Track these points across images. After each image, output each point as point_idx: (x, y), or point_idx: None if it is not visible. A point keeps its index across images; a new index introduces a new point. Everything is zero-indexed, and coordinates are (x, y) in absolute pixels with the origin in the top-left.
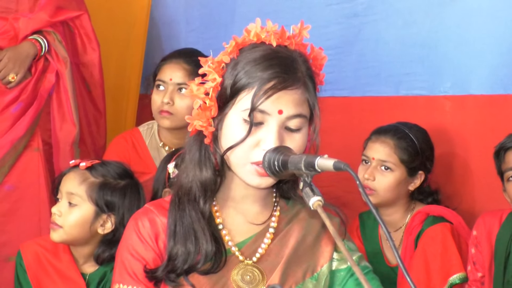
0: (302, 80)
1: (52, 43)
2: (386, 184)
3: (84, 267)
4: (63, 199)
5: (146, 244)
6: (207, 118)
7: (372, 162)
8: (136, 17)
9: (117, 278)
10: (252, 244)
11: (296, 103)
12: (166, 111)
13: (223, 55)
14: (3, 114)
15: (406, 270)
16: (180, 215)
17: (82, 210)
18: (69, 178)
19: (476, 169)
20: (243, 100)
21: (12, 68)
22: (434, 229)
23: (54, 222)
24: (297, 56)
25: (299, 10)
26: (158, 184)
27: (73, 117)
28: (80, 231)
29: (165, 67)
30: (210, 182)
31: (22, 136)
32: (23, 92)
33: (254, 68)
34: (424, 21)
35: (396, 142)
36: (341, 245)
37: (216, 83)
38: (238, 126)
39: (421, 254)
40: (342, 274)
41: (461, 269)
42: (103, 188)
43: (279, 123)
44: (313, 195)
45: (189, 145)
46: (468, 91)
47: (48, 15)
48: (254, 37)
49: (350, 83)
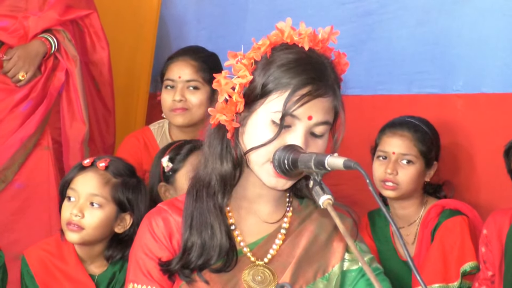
0: (332, 87)
1: (61, 41)
2: (409, 177)
3: (91, 268)
4: (81, 199)
5: (160, 243)
6: (232, 113)
7: (392, 156)
8: (146, 16)
9: (131, 277)
10: (264, 245)
11: (326, 111)
12: (179, 108)
13: (255, 52)
14: (13, 112)
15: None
16: (198, 207)
17: (106, 211)
18: (89, 178)
19: (488, 167)
20: (273, 102)
21: (22, 67)
22: (452, 221)
23: (73, 223)
24: (326, 62)
25: (312, 8)
26: (153, 179)
27: (83, 116)
28: (102, 231)
29: (172, 66)
30: (230, 176)
31: (32, 134)
32: (33, 91)
33: (288, 71)
34: (437, 19)
35: (413, 134)
36: (352, 245)
37: (246, 80)
38: (266, 127)
39: (438, 246)
40: (353, 275)
41: (473, 258)
42: (124, 187)
43: (306, 128)
44: (323, 194)
45: (210, 137)
46: (480, 89)
47: (58, 13)
48: (288, 38)
49: (362, 82)
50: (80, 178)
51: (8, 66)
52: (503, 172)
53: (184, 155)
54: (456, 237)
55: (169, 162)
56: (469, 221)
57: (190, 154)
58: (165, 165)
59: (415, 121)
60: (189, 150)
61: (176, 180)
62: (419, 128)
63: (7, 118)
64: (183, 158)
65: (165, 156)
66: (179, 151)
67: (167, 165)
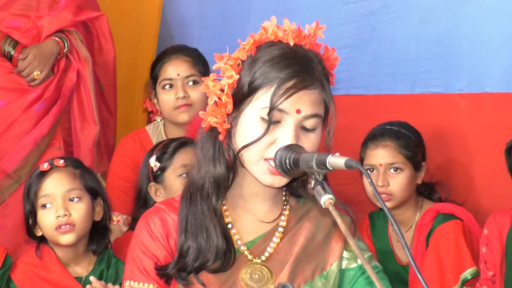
0: (320, 80)
1: (74, 42)
2: (401, 184)
3: (77, 270)
4: (58, 201)
5: (158, 242)
6: (222, 114)
7: (380, 168)
8: (147, 15)
9: (128, 274)
10: (261, 244)
11: (314, 103)
12: (183, 105)
13: (240, 52)
14: (27, 112)
15: (418, 270)
16: (192, 210)
17: (85, 201)
18: (57, 179)
19: (492, 167)
20: (261, 98)
21: (37, 66)
22: (446, 227)
23: (65, 223)
24: (313, 56)
25: (315, 8)
26: (142, 180)
27: (94, 117)
28: (88, 223)
29: (166, 66)
30: (223, 178)
31: (45, 134)
32: (47, 91)
33: (273, 66)
34: (440, 19)
35: (396, 142)
36: (352, 243)
37: (233, 80)
38: (255, 124)
39: (433, 252)
40: (352, 273)
41: (472, 264)
42: (88, 175)
43: (296, 123)
44: (324, 193)
45: (203, 141)
46: (483, 89)
47: (72, 14)
48: (272, 35)
49: (366, 81)
50: (49, 182)
51: (23, 65)
52: (507, 171)
53: (171, 153)
54: (450, 243)
55: (157, 162)
56: (464, 225)
57: (177, 151)
58: (153, 165)
59: (395, 127)
60: (175, 148)
61: (165, 179)
62: (400, 134)
63: (20, 118)
64: (170, 156)
65: (153, 156)
66: (166, 150)
67: (155, 164)
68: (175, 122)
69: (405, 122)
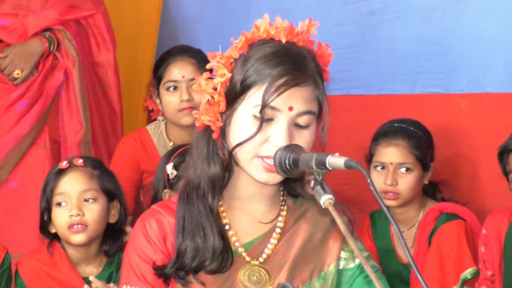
0: (312, 77)
1: (61, 41)
2: (409, 184)
3: (87, 270)
4: (74, 200)
5: (154, 246)
6: (215, 113)
7: (390, 166)
8: (147, 15)
9: (124, 279)
10: (259, 245)
11: (306, 100)
12: (187, 108)
13: (232, 50)
14: (9, 111)
15: (418, 271)
16: (189, 210)
17: (101, 202)
18: (74, 178)
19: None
20: (253, 96)
21: (17, 64)
22: (448, 226)
23: (77, 223)
24: (306, 53)
25: (315, 8)
26: (158, 185)
27: (80, 116)
28: (102, 225)
29: (171, 67)
30: (219, 177)
31: (27, 133)
32: (29, 90)
33: (265, 64)
34: (440, 19)
35: (408, 142)
36: (352, 243)
37: (225, 78)
38: (248, 122)
39: (435, 251)
40: (349, 273)
41: (472, 264)
42: (106, 177)
43: (289, 120)
44: (324, 193)
45: (197, 140)
46: (484, 89)
47: (58, 12)
48: (264, 33)
49: (366, 81)
50: (65, 180)
51: (4, 63)
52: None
53: None
54: (452, 243)
55: (174, 170)
56: (466, 225)
57: None
58: (170, 172)
59: (407, 125)
60: None
61: (180, 187)
62: (412, 134)
63: (3, 117)
64: None
65: (170, 163)
66: (184, 159)
67: (172, 172)
68: (178, 124)
69: (417, 121)
